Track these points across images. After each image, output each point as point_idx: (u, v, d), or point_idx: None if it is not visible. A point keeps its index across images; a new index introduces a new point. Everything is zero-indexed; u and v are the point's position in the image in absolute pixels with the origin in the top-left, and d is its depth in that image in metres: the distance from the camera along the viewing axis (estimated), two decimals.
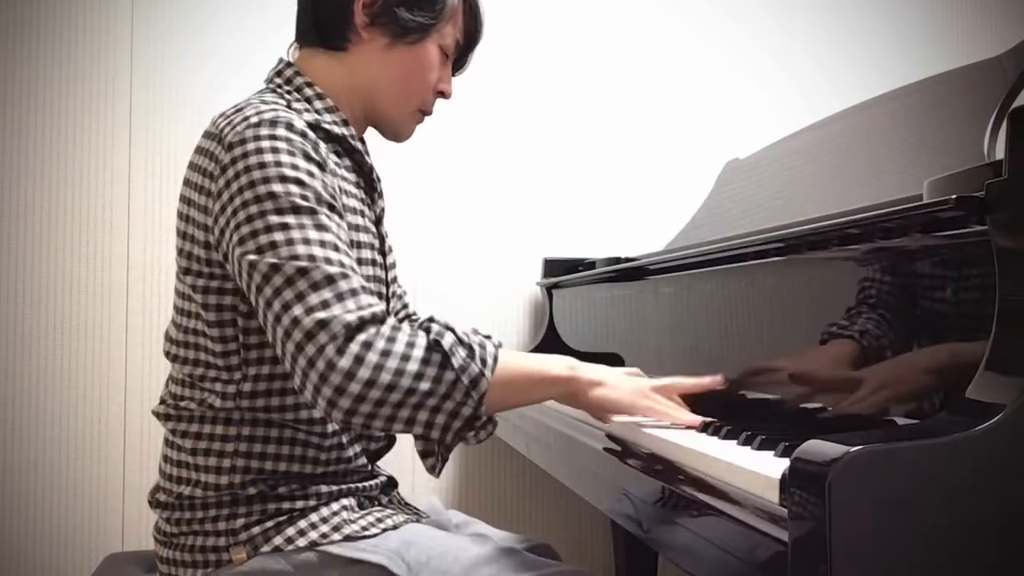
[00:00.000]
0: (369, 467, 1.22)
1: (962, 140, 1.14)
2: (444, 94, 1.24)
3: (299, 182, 1.01)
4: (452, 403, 0.97)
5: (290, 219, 0.98)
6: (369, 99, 1.20)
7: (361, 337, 0.94)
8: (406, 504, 1.26)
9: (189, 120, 2.11)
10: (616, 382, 1.08)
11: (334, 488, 1.13)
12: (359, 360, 0.93)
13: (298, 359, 0.94)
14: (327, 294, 0.95)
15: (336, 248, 0.99)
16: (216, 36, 2.14)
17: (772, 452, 0.84)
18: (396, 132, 1.25)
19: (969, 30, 2.53)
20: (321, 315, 0.93)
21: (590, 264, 2.03)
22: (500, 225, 2.27)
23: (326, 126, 1.13)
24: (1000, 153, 0.75)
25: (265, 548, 1.07)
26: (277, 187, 0.99)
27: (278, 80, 1.20)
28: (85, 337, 2.06)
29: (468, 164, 2.25)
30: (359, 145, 1.19)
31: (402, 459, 2.15)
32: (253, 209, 0.99)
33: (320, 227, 0.99)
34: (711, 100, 2.40)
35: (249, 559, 1.07)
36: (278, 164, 1.01)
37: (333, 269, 0.97)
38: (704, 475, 0.86)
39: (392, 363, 0.94)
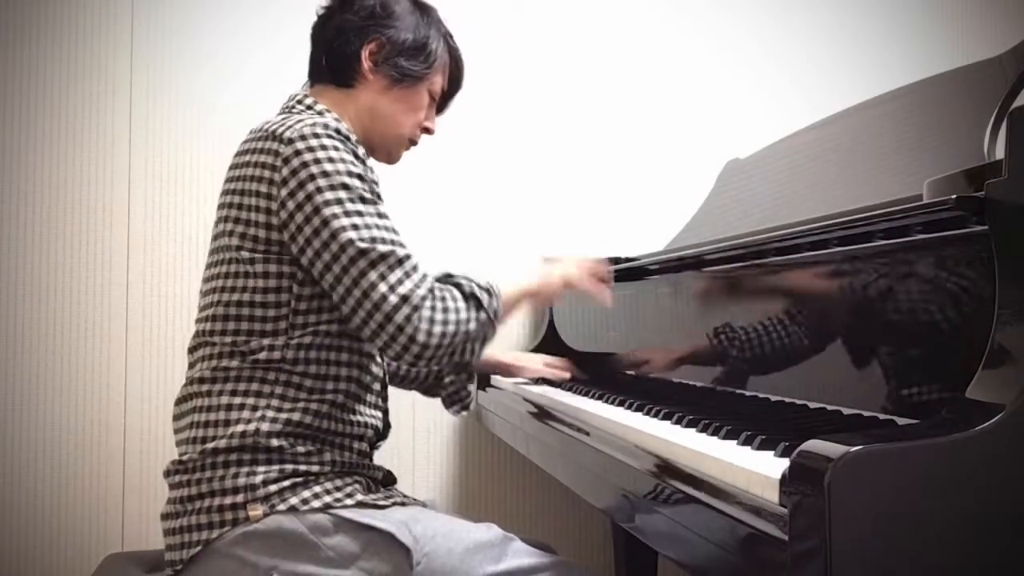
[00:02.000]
0: (369, 449, 1.32)
1: (962, 140, 1.14)
2: (429, 131, 1.47)
3: (361, 178, 1.22)
4: (483, 332, 1.27)
5: (361, 207, 1.20)
6: (368, 127, 1.39)
7: (428, 303, 1.20)
8: (406, 495, 1.31)
9: (189, 120, 2.12)
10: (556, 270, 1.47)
11: (346, 459, 1.24)
12: (432, 321, 1.20)
13: (386, 326, 1.18)
14: (400, 273, 1.19)
15: (396, 231, 1.22)
16: (216, 36, 2.14)
17: (772, 452, 0.84)
18: (388, 156, 1.45)
19: (969, 30, 2.53)
20: (401, 290, 1.18)
21: None
22: (500, 225, 2.27)
23: (352, 138, 1.27)
24: (1000, 153, 0.75)
25: (281, 507, 1.15)
26: (347, 180, 1.20)
27: (300, 107, 1.34)
28: (85, 337, 2.06)
29: (468, 165, 2.25)
30: (370, 155, 1.36)
31: (401, 461, 2.16)
32: (329, 195, 1.19)
33: (381, 215, 1.22)
34: (711, 100, 2.40)
35: (265, 517, 1.15)
36: (343, 160, 1.21)
37: (402, 252, 1.20)
38: (704, 475, 0.86)
39: (452, 316, 1.22)
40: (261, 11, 2.15)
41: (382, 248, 1.18)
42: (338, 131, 1.22)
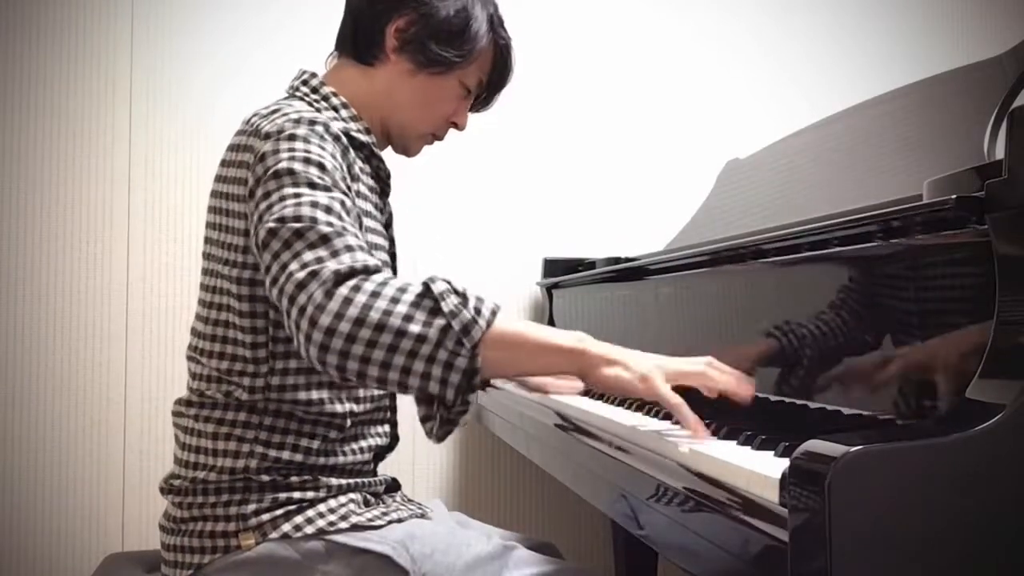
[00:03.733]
0: (373, 466, 1.26)
1: (962, 140, 1.14)
2: (458, 126, 1.31)
3: (321, 166, 1.05)
4: (445, 352, 0.94)
5: (304, 190, 1.02)
6: (386, 114, 1.26)
7: (351, 282, 0.94)
8: (410, 501, 1.27)
9: (189, 120, 2.12)
10: (629, 361, 0.99)
11: (343, 482, 1.16)
12: (347, 301, 0.93)
13: (291, 312, 0.95)
14: (322, 251, 0.97)
15: (340, 217, 1.01)
16: (216, 36, 2.14)
17: (772, 452, 0.84)
18: (405, 148, 1.32)
19: (969, 30, 2.53)
20: (314, 267, 0.95)
21: (590, 264, 2.03)
22: (500, 225, 2.27)
23: (353, 134, 1.18)
24: (1000, 153, 0.75)
25: (273, 535, 1.10)
26: (298, 166, 1.04)
27: (304, 89, 1.24)
28: (85, 337, 2.06)
29: (468, 164, 2.25)
30: (379, 153, 1.25)
31: (401, 461, 2.16)
32: (272, 184, 1.04)
33: (331, 198, 1.02)
34: (711, 100, 2.40)
35: (257, 545, 1.10)
36: (307, 151, 1.06)
37: (329, 229, 0.98)
38: (704, 474, 0.86)
39: (381, 303, 0.93)
40: (261, 11, 2.15)
41: (297, 225, 0.98)
42: (326, 126, 1.10)
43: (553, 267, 2.17)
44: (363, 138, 1.21)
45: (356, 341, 0.92)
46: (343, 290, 0.93)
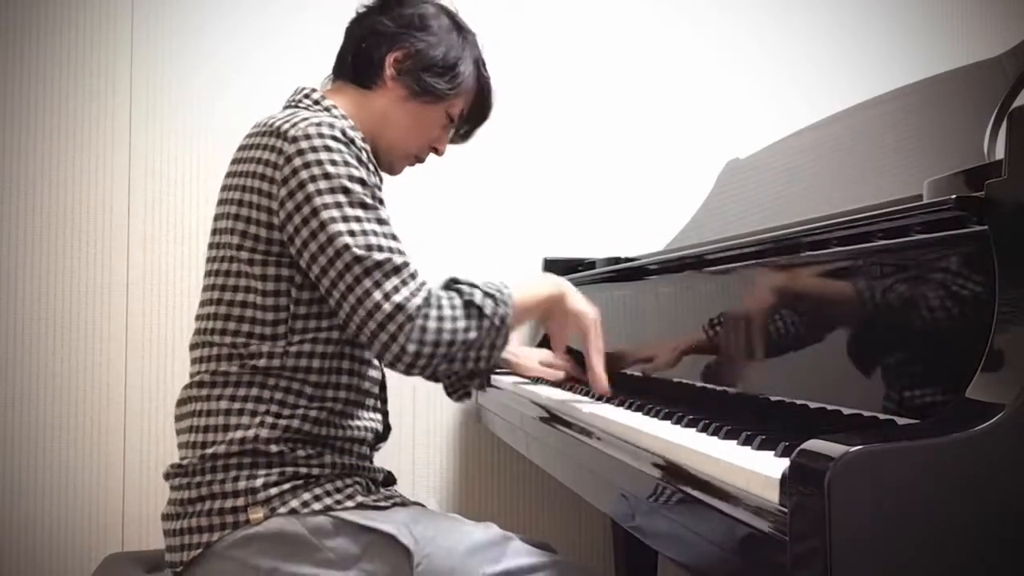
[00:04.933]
0: (369, 452, 1.32)
1: (962, 140, 1.14)
2: (438, 151, 1.46)
3: (362, 182, 1.20)
4: (490, 339, 1.22)
5: (361, 212, 1.18)
6: (377, 134, 1.37)
7: (425, 312, 1.17)
8: (406, 497, 1.31)
9: (189, 120, 2.12)
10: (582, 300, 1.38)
11: (346, 462, 1.24)
12: (424, 330, 1.17)
13: (380, 335, 1.16)
14: (396, 280, 1.17)
15: (394, 238, 1.20)
16: (216, 36, 2.14)
17: (772, 452, 0.84)
18: (390, 166, 1.43)
19: (969, 30, 2.53)
20: (396, 299, 1.16)
21: (590, 264, 2.03)
22: (500, 225, 2.27)
23: (356, 141, 1.26)
24: (1000, 153, 0.75)
25: (282, 510, 1.16)
26: (348, 183, 1.18)
27: (306, 101, 1.34)
28: (85, 337, 2.06)
29: (468, 164, 2.25)
30: (372, 159, 1.32)
31: (401, 460, 2.16)
32: (328, 199, 1.17)
33: (381, 221, 1.20)
34: (711, 100, 2.40)
35: (266, 520, 1.15)
36: (346, 164, 1.19)
37: (399, 259, 1.18)
38: (704, 474, 0.86)
39: (448, 325, 1.18)
40: (261, 11, 2.15)
41: (378, 256, 1.16)
42: (343, 132, 1.20)
43: (553, 267, 2.17)
44: (363, 144, 1.27)
45: (436, 357, 1.17)
46: (420, 322, 1.16)
